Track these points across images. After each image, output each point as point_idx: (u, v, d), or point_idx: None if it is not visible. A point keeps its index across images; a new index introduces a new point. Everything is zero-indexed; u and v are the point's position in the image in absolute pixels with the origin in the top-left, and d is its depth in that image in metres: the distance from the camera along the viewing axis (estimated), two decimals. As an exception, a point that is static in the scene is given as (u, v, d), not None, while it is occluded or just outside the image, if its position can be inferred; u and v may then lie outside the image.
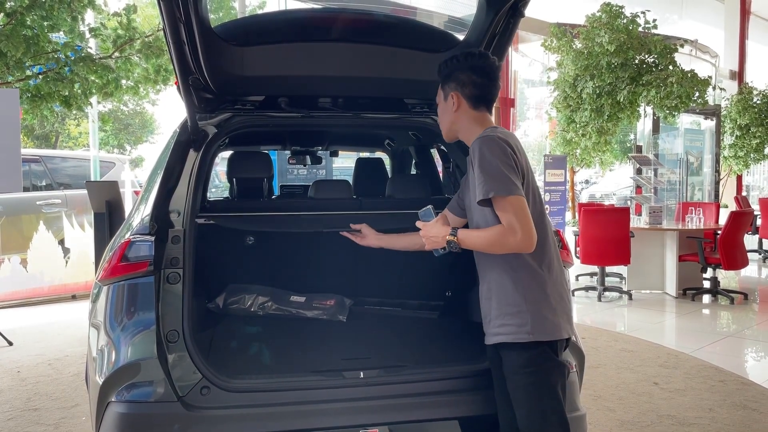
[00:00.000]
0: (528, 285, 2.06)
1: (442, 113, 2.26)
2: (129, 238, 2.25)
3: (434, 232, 2.14)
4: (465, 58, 2.17)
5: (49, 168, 8.52)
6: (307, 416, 2.15)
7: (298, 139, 4.25)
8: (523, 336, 2.03)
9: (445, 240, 2.09)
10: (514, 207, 1.95)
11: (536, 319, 2.04)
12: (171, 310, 2.19)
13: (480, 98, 2.18)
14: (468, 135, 2.19)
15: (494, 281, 2.10)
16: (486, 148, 2.00)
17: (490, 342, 2.13)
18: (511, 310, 2.06)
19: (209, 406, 2.13)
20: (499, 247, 2.00)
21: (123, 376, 2.13)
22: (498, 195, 1.95)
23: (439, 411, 2.27)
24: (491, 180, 1.96)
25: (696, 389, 4.34)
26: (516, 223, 1.94)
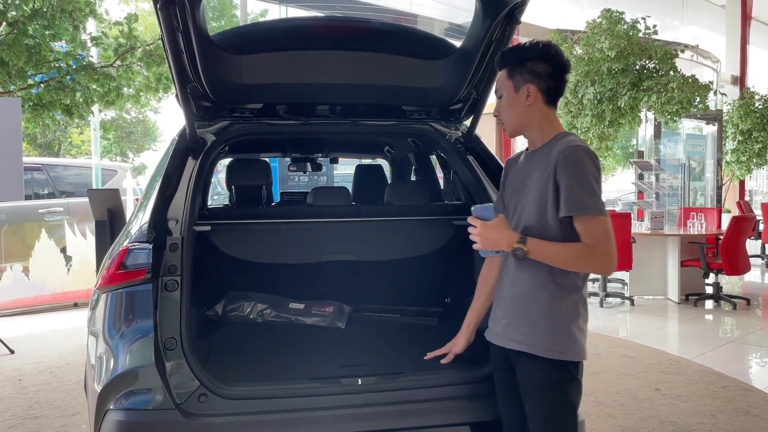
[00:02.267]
0: (567, 303, 2.01)
1: (510, 105, 2.07)
2: (127, 245, 2.26)
3: (496, 234, 1.98)
4: (542, 49, 2.02)
5: (51, 176, 8.54)
6: (305, 423, 2.15)
7: (298, 146, 4.27)
8: (553, 353, 1.98)
9: (511, 246, 1.95)
10: (604, 229, 1.90)
11: (568, 338, 2.00)
12: (169, 318, 2.20)
13: (555, 94, 2.06)
14: (538, 133, 2.07)
15: (530, 289, 2.02)
16: (587, 161, 1.92)
17: (505, 345, 2.09)
18: (544, 324, 2.00)
19: (207, 414, 2.13)
20: (581, 266, 1.96)
21: (121, 384, 2.14)
22: (590, 214, 1.89)
23: (436, 417, 2.27)
24: (587, 197, 1.89)
25: (698, 395, 4.32)
26: (604, 246, 1.89)
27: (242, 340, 2.86)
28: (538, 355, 2.00)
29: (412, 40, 2.87)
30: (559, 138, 2.02)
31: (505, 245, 1.96)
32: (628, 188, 16.81)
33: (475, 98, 2.85)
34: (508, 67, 2.07)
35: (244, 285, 3.19)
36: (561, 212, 1.92)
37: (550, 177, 1.96)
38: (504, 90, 2.08)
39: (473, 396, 2.28)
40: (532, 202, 2.02)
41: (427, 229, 3.03)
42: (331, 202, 3.19)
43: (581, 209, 1.89)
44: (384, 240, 3.07)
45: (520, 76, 2.04)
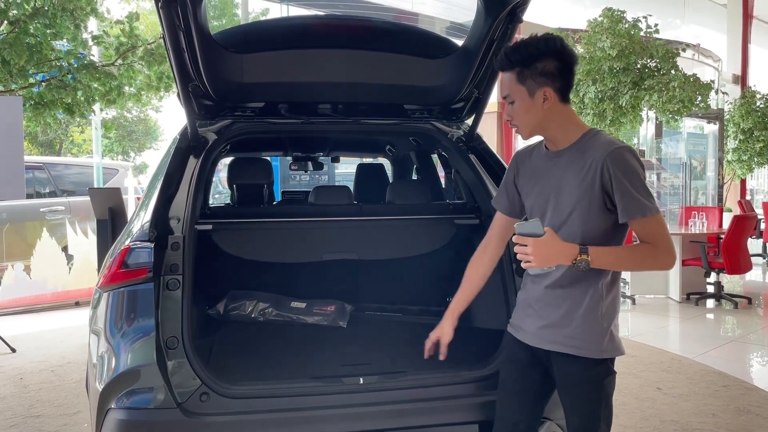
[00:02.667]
0: (608, 301, 2.01)
1: (527, 111, 1.96)
2: (128, 244, 2.26)
3: (552, 249, 1.85)
4: (546, 43, 1.91)
5: (52, 175, 8.55)
6: (306, 422, 2.15)
7: (299, 145, 4.26)
8: (596, 353, 1.99)
9: (573, 260, 1.85)
10: (663, 225, 1.90)
11: (610, 336, 2.01)
12: (170, 317, 2.20)
13: (568, 90, 1.97)
14: (561, 133, 1.99)
15: (577, 291, 1.99)
16: (634, 161, 1.88)
17: (542, 347, 2.06)
18: (588, 325, 1.99)
19: (208, 413, 2.13)
20: (647, 267, 1.96)
21: (122, 383, 2.14)
22: (651, 215, 1.87)
23: (438, 417, 2.27)
24: (645, 199, 1.86)
25: (699, 394, 4.32)
26: (667, 243, 1.89)
27: (244, 339, 2.86)
28: (581, 356, 1.99)
29: (414, 38, 2.87)
30: (590, 137, 1.96)
31: (565, 259, 1.86)
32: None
33: (476, 97, 2.85)
34: (516, 70, 1.95)
35: (246, 284, 3.19)
36: (622, 219, 1.88)
37: (595, 182, 1.89)
38: (516, 95, 1.96)
39: (481, 394, 2.28)
40: (573, 207, 1.94)
41: (429, 228, 3.03)
42: (332, 201, 3.19)
43: (643, 212, 1.86)
44: (386, 239, 3.07)
45: (532, 80, 1.93)
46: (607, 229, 1.94)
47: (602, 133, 1.99)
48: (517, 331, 2.15)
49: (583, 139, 1.97)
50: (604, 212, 1.92)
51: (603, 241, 1.94)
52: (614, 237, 1.96)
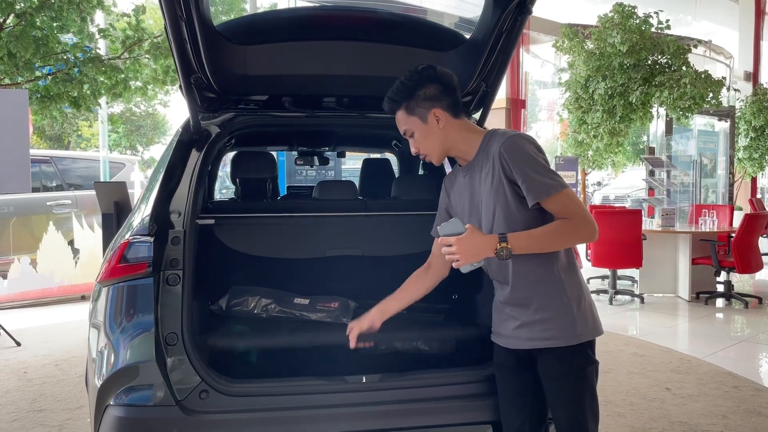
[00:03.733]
0: (570, 284, 2.02)
1: (426, 137, 2.06)
2: (128, 238, 2.22)
3: (474, 244, 1.90)
4: (420, 74, 2.04)
5: (59, 169, 8.56)
6: (308, 422, 2.11)
7: (304, 139, 4.21)
8: (572, 339, 1.99)
9: (494, 250, 1.89)
10: (574, 199, 1.94)
11: (582, 319, 2.01)
12: (170, 313, 2.16)
13: (456, 104, 2.08)
14: (465, 146, 2.09)
15: (534, 284, 2.02)
16: (526, 144, 1.95)
17: (522, 347, 2.07)
18: (557, 313, 2.00)
19: (208, 411, 2.10)
20: (567, 241, 1.98)
21: (121, 379, 2.10)
22: (557, 192, 1.91)
23: (439, 417, 2.22)
24: (545, 177, 1.91)
25: (709, 395, 4.25)
26: (582, 214, 1.92)
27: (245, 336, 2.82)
28: (559, 346, 1.99)
29: (421, 30, 2.81)
30: (488, 138, 2.04)
31: (488, 250, 1.90)
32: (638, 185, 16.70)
33: (484, 91, 2.79)
34: (403, 105, 2.07)
35: (249, 279, 3.14)
36: (530, 202, 1.92)
37: (499, 175, 1.97)
38: (411, 127, 2.08)
39: (491, 392, 2.23)
40: (494, 206, 2.01)
41: None
42: (337, 197, 3.14)
43: (547, 191, 1.90)
44: (391, 235, 3.01)
45: (420, 108, 2.05)
46: (531, 217, 1.97)
47: (498, 129, 2.06)
48: (498, 337, 2.17)
49: (484, 141, 2.05)
50: (521, 202, 1.96)
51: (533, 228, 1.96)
52: (541, 221, 1.97)
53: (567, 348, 1.99)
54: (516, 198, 1.97)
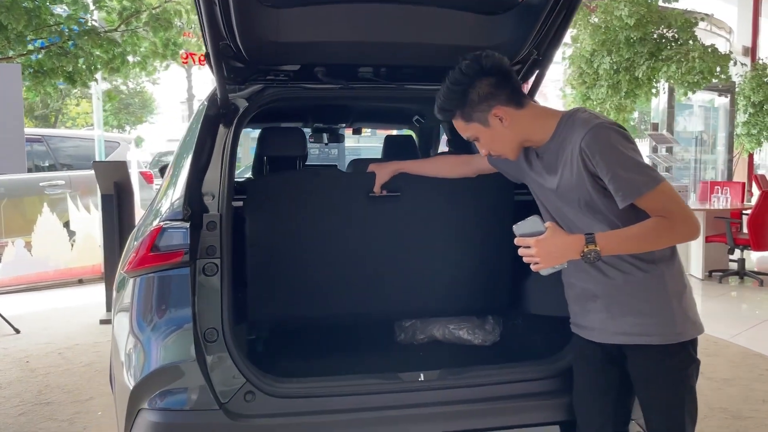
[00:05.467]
0: (671, 277, 1.81)
1: (494, 140, 1.85)
2: (160, 224, 1.99)
3: (556, 246, 1.69)
4: (464, 73, 1.81)
5: (51, 148, 8.24)
6: (364, 425, 1.92)
7: (330, 114, 3.95)
8: (672, 337, 1.78)
9: (580, 252, 1.68)
10: (671, 194, 1.70)
11: (682, 315, 1.80)
12: (208, 306, 1.94)
13: (516, 92, 1.84)
14: (539, 134, 1.86)
15: (629, 275, 1.80)
16: (612, 135, 1.71)
17: (609, 341, 1.87)
18: (655, 309, 1.79)
19: (254, 414, 1.89)
20: (664, 242, 1.74)
21: (156, 381, 1.89)
22: (649, 190, 1.67)
23: (503, 418, 2.04)
24: (636, 174, 1.68)
25: (744, 379, 4.11)
26: (679, 211, 1.69)
27: (286, 331, 2.62)
28: (654, 344, 1.78)
29: None
30: (564, 123, 1.81)
31: (573, 253, 1.69)
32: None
33: (535, 59, 2.56)
34: (457, 113, 1.85)
35: None
36: (620, 204, 1.70)
37: (579, 170, 1.75)
38: (475, 133, 1.86)
39: (560, 390, 2.04)
40: (576, 202, 1.80)
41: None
42: None
43: (638, 190, 1.67)
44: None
45: (477, 113, 1.82)
46: (621, 212, 1.74)
47: (578, 112, 1.81)
48: (580, 330, 1.96)
49: (561, 127, 1.82)
50: (607, 196, 1.75)
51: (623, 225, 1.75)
52: (636, 216, 1.73)
53: (665, 346, 1.78)
54: (601, 192, 1.75)
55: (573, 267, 1.89)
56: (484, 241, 2.65)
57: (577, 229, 1.80)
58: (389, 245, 2.57)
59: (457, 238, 2.62)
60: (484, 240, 2.65)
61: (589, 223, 1.80)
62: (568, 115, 1.83)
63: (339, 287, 2.52)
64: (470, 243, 2.64)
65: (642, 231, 1.69)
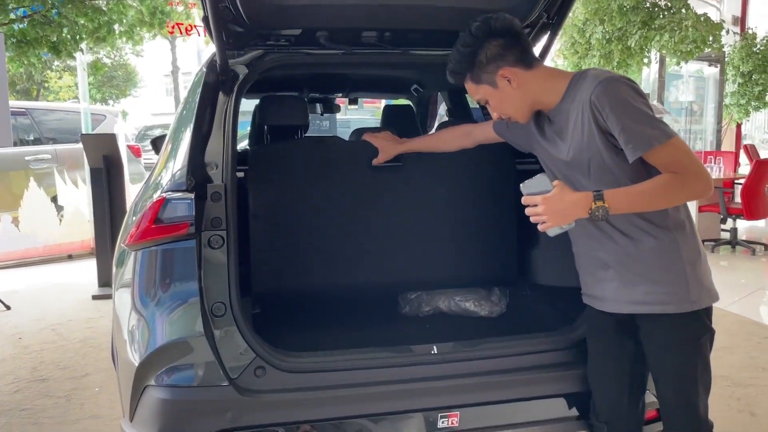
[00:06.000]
0: (685, 243, 1.76)
1: (501, 102, 1.83)
2: (163, 195, 1.91)
3: (564, 203, 1.63)
4: (474, 35, 1.78)
5: (36, 121, 8.04)
6: (381, 399, 1.88)
7: (330, 83, 3.85)
8: (686, 305, 1.74)
9: (588, 210, 1.62)
10: (684, 149, 1.65)
11: (696, 283, 1.75)
12: (215, 280, 1.88)
13: (525, 53, 1.80)
14: (550, 96, 1.82)
15: (640, 241, 1.76)
16: (623, 88, 1.66)
17: (621, 311, 1.83)
18: (669, 276, 1.75)
19: (266, 390, 1.84)
20: (675, 199, 1.69)
21: (163, 358, 1.83)
22: (660, 143, 1.61)
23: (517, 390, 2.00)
24: (647, 127, 1.62)
25: (743, 347, 4.13)
26: (692, 166, 1.63)
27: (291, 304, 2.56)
28: (668, 313, 1.74)
29: None
30: (576, 82, 1.77)
31: (581, 210, 1.63)
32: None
33: (545, 22, 2.48)
34: (468, 75, 1.84)
35: None
36: (630, 158, 1.65)
37: (590, 126, 1.70)
38: (485, 95, 1.84)
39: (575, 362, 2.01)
40: (588, 160, 1.75)
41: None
42: None
43: (649, 143, 1.62)
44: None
45: (486, 74, 1.80)
46: (633, 171, 1.70)
47: (590, 70, 1.76)
48: (592, 300, 1.93)
49: (572, 87, 1.78)
50: (618, 155, 1.70)
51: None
52: (649, 177, 1.69)
53: (679, 315, 1.74)
54: (612, 150, 1.71)
55: (585, 235, 1.86)
56: (489, 211, 2.61)
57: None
58: (394, 215, 2.52)
59: (462, 208, 2.58)
60: (490, 209, 2.60)
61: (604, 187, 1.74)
62: (579, 74, 1.79)
63: (343, 258, 2.47)
64: (475, 212, 2.60)
65: (652, 187, 1.65)
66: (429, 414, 1.90)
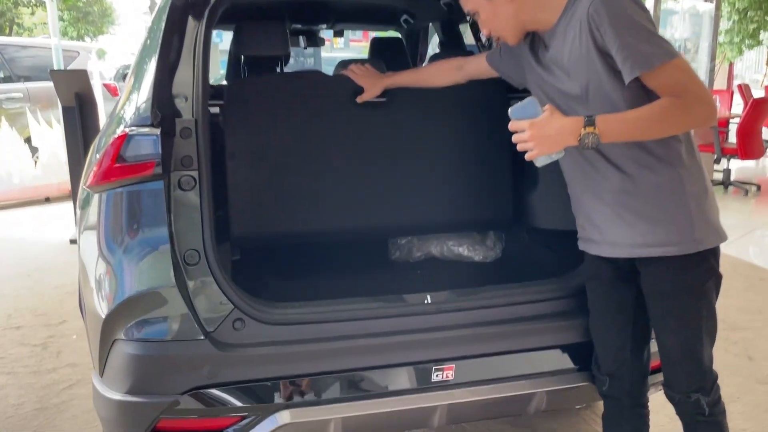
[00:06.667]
0: (689, 175, 1.60)
1: (496, 16, 1.68)
2: (125, 131, 1.71)
3: (553, 129, 1.50)
4: None
5: (6, 58, 7.66)
6: (372, 352, 1.74)
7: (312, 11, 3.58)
8: (690, 246, 1.59)
9: (578, 135, 1.48)
10: (687, 70, 1.48)
11: (702, 221, 1.60)
12: (187, 225, 1.70)
13: None
14: (544, 13, 1.65)
15: (638, 174, 1.61)
16: (622, 3, 1.48)
17: (620, 255, 1.69)
18: (670, 213, 1.60)
19: (245, 343, 1.70)
20: (675, 125, 1.51)
21: (132, 310, 1.67)
22: (662, 63, 1.44)
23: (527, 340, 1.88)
24: (649, 44, 1.46)
25: (738, 289, 4.05)
26: (696, 89, 1.47)
27: (272, 251, 2.40)
28: (671, 255, 1.59)
29: None
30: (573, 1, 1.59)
31: (570, 137, 1.49)
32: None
33: None
34: None
35: None
36: (626, 77, 1.48)
37: (587, 44, 1.54)
38: (476, 6, 1.70)
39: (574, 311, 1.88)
40: (586, 82, 1.58)
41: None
42: None
43: (649, 62, 1.45)
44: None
45: None
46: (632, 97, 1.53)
47: None
48: (589, 244, 1.77)
49: (569, 6, 1.60)
50: (616, 77, 1.53)
51: None
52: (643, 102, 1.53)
53: (682, 258, 1.60)
54: (611, 73, 1.54)
55: (578, 173, 1.71)
56: (482, 149, 2.43)
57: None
58: (381, 155, 2.34)
59: (453, 146, 2.40)
60: (483, 147, 2.43)
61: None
62: None
63: (328, 201, 2.30)
64: (468, 151, 2.42)
65: (650, 112, 1.48)
66: (423, 367, 1.77)
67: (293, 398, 1.72)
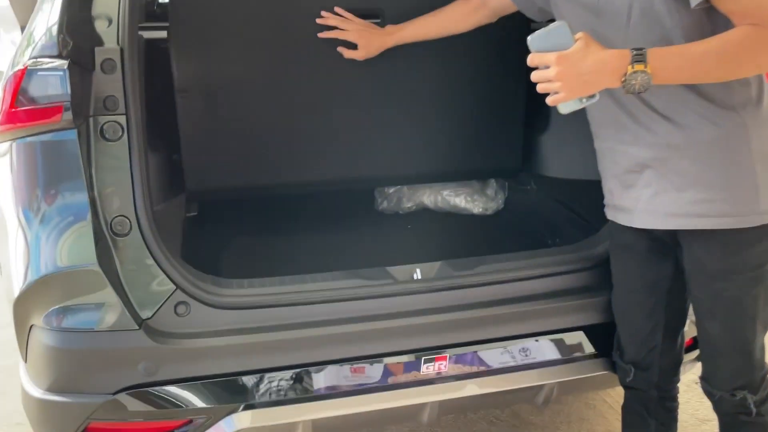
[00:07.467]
0: (755, 133, 1.26)
1: None
2: (25, 64, 1.32)
3: (588, 65, 1.14)
4: None
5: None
6: (343, 341, 1.43)
7: None
8: (751, 218, 1.27)
9: (622, 76, 1.14)
10: None
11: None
12: (114, 186, 1.34)
13: None
14: None
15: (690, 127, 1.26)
16: None
17: (660, 226, 1.36)
18: (729, 177, 1.27)
19: (190, 333, 1.38)
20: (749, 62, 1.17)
21: (47, 293, 1.34)
22: None
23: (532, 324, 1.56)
24: None
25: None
26: None
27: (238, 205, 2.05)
28: (727, 228, 1.27)
29: None
30: None
31: (611, 76, 1.15)
32: None
33: None
34: None
35: None
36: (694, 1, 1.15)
37: None
38: None
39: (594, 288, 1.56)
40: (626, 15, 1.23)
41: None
42: None
43: None
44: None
45: None
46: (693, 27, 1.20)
47: None
48: (619, 213, 1.44)
49: None
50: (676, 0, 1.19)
51: None
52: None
53: (740, 231, 1.28)
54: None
55: (611, 124, 1.37)
56: (488, 88, 2.04)
57: None
58: (368, 91, 1.95)
59: (454, 84, 2.01)
60: (489, 86, 2.03)
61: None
62: None
63: (304, 146, 1.93)
64: (471, 90, 2.03)
65: (720, 45, 1.15)
66: (409, 358, 1.46)
67: (253, 397, 1.41)
